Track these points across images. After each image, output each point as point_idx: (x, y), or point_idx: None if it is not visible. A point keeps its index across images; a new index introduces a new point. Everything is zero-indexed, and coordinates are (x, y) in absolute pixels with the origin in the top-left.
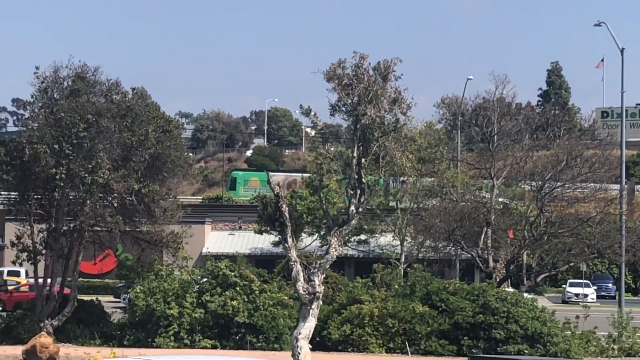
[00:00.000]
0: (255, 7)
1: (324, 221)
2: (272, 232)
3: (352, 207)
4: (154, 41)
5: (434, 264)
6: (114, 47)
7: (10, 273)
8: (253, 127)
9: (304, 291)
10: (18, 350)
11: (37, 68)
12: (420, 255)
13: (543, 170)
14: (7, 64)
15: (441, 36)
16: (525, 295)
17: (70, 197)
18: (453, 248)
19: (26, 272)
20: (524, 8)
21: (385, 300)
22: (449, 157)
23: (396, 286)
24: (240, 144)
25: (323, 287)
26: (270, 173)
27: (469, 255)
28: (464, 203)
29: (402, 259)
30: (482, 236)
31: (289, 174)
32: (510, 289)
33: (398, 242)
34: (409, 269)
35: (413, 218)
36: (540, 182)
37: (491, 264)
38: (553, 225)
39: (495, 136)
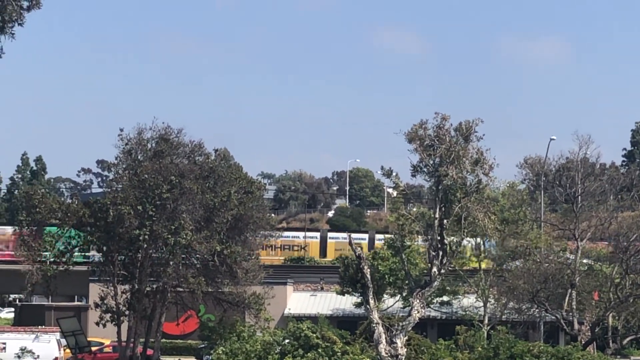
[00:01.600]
0: (339, 71)
1: (406, 282)
2: (354, 293)
3: (434, 269)
4: (237, 102)
5: (518, 326)
6: (197, 108)
7: None
8: (335, 188)
9: (387, 353)
10: None
11: (122, 130)
12: (503, 317)
13: (628, 231)
14: (92, 126)
15: (522, 95)
16: (612, 358)
17: (153, 257)
18: (537, 310)
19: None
20: (607, 67)
21: None
22: (532, 218)
23: (479, 348)
24: (322, 204)
25: (405, 350)
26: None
27: (553, 318)
28: (547, 264)
29: (485, 321)
30: (567, 298)
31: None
32: (596, 352)
33: (481, 304)
34: (492, 331)
35: (496, 279)
36: (625, 244)
37: (576, 326)
38: (639, 288)
39: (579, 197)
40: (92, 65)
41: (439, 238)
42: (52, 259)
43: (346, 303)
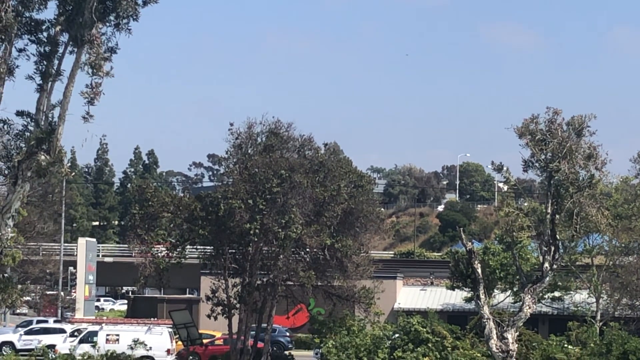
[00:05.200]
0: (450, 66)
1: (517, 277)
2: (464, 288)
3: (546, 264)
4: (347, 96)
5: (631, 322)
6: (307, 101)
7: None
8: (445, 182)
9: (497, 349)
10: None
11: (232, 124)
12: (616, 313)
13: None
14: (203, 121)
15: (637, 88)
16: None
17: (264, 251)
18: None
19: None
20: None
21: (580, 359)
22: None
23: (592, 345)
24: (432, 198)
25: (516, 345)
26: None
27: None
28: None
29: (598, 317)
30: None
31: None
32: None
33: (593, 300)
34: (604, 327)
35: (609, 275)
36: None
37: None
38: None
39: None
40: (204, 60)
41: (550, 233)
42: (164, 252)
43: (456, 298)
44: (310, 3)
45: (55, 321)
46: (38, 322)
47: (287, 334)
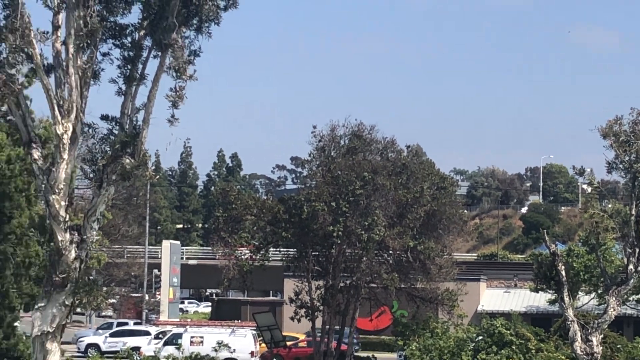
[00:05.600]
0: (533, 68)
1: (602, 280)
2: (548, 290)
3: (631, 266)
4: (430, 98)
5: None
6: (390, 104)
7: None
8: (528, 184)
9: (582, 351)
10: None
11: (315, 127)
12: None
13: None
14: (286, 123)
15: None
16: None
17: (347, 253)
18: None
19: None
20: None
21: None
22: None
23: None
24: (515, 200)
25: (601, 348)
26: None
27: None
28: None
29: None
30: None
31: None
32: None
33: None
34: None
35: None
36: None
37: None
38: None
39: None
40: (284, 63)
41: (635, 235)
42: (247, 255)
43: (540, 300)
44: (398, 4)
45: (135, 323)
46: (118, 324)
47: (355, 335)
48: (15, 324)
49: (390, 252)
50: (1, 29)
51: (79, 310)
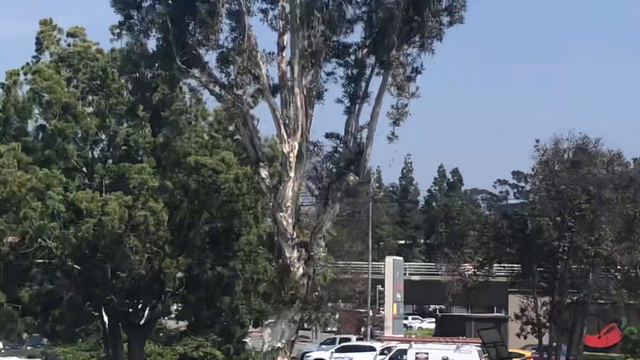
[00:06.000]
0: None
1: None
2: None
3: None
4: None
5: None
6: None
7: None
8: None
9: None
10: None
11: (537, 141)
12: None
13: None
14: (507, 137)
15: None
16: None
17: (573, 269)
18: None
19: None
20: None
21: None
22: None
23: None
24: None
25: None
26: None
27: None
28: None
29: None
30: None
31: None
32: None
33: None
34: None
35: None
36: None
37: None
38: None
39: None
40: (507, 77)
41: None
42: (471, 271)
43: None
44: (616, 16)
45: (357, 339)
46: (341, 340)
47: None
48: (245, 339)
49: (618, 267)
50: (229, 51)
51: (305, 325)
